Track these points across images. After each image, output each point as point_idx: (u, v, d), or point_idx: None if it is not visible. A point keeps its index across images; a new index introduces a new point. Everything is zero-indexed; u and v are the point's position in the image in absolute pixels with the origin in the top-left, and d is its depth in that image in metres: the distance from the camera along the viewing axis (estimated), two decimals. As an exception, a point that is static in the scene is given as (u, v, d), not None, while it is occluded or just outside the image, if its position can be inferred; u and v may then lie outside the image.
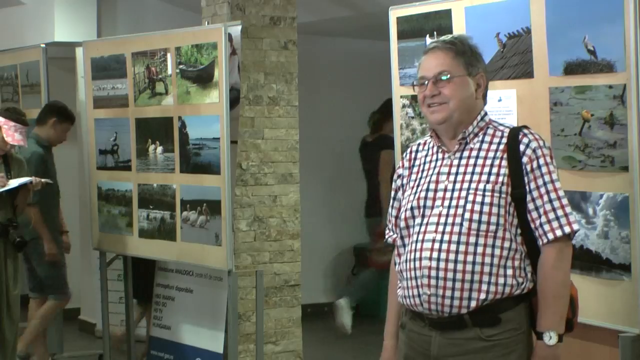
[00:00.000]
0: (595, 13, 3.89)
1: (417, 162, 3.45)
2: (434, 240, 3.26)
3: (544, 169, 3.25)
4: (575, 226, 3.25)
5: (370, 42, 9.90)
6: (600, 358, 3.99)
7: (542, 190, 3.23)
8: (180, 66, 6.07)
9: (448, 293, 3.23)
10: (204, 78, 5.92)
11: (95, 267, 8.25)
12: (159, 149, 6.31)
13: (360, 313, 9.27)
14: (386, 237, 3.57)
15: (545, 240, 3.23)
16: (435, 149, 3.41)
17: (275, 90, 7.01)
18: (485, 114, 3.37)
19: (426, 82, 3.33)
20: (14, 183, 6.54)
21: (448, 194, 3.29)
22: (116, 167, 6.69)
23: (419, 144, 3.51)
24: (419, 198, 3.35)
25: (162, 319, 6.71)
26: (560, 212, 3.23)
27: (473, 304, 3.21)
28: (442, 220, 3.27)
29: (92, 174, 6.97)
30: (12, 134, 6.53)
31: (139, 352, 7.09)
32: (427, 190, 3.34)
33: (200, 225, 5.99)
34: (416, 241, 3.32)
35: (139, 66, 6.39)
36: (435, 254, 3.25)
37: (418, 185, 3.39)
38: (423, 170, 3.41)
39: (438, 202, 3.30)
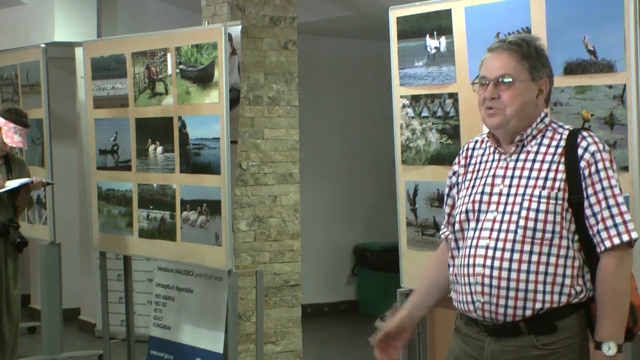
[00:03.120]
0: (595, 13, 3.89)
1: (473, 161, 3.35)
2: (487, 247, 3.16)
3: (603, 174, 3.11)
4: (635, 234, 3.11)
5: (370, 42, 9.90)
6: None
7: (600, 196, 3.10)
8: (180, 66, 6.07)
9: (502, 302, 3.14)
10: (204, 78, 5.92)
11: (95, 267, 8.25)
12: (159, 149, 6.30)
13: (360, 313, 9.27)
14: (440, 233, 3.50)
15: (603, 248, 3.11)
16: (492, 149, 3.30)
17: (275, 90, 7.01)
18: (545, 115, 3.24)
19: (487, 83, 3.21)
20: (14, 183, 6.54)
21: (503, 199, 3.19)
22: (116, 167, 6.68)
23: (476, 141, 3.39)
24: (473, 201, 3.25)
25: (162, 319, 6.71)
26: (618, 220, 3.10)
27: (528, 312, 3.13)
28: (497, 226, 3.16)
29: (92, 174, 6.97)
30: (12, 136, 6.53)
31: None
32: (482, 193, 3.24)
33: (200, 225, 5.99)
34: (470, 246, 3.22)
35: (139, 66, 6.39)
36: (488, 262, 3.15)
37: (473, 187, 3.29)
38: (478, 171, 3.31)
39: (493, 207, 3.20)
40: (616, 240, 3.10)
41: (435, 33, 4.68)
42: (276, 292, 7.07)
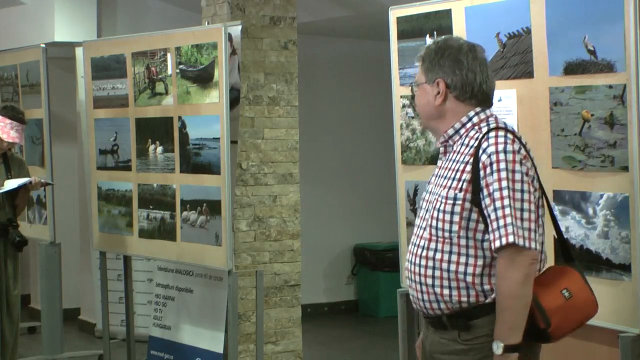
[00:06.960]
0: (595, 13, 3.89)
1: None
2: (412, 244, 3.37)
3: (495, 176, 3.16)
4: (511, 238, 3.11)
5: (370, 42, 9.91)
6: (600, 358, 3.99)
7: (490, 198, 3.16)
8: (180, 66, 6.07)
9: (421, 296, 3.30)
10: (204, 78, 5.92)
11: (95, 267, 8.25)
12: (159, 149, 6.30)
13: (360, 313, 9.27)
14: None
15: (493, 249, 3.17)
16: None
17: (275, 90, 7.01)
18: (475, 114, 3.33)
19: None
20: (13, 183, 6.54)
21: (430, 197, 3.36)
22: (116, 167, 6.68)
23: None
24: (422, 199, 3.46)
25: (162, 319, 6.70)
26: (501, 222, 3.13)
27: (442, 306, 3.26)
28: (421, 224, 3.36)
29: (92, 174, 6.97)
30: (8, 132, 6.53)
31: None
32: (425, 192, 3.43)
33: (200, 225, 5.99)
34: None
35: (139, 66, 6.39)
36: (412, 258, 3.34)
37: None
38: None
39: (424, 205, 3.39)
40: (497, 243, 3.16)
41: (435, 33, 4.67)
42: (276, 292, 7.07)
